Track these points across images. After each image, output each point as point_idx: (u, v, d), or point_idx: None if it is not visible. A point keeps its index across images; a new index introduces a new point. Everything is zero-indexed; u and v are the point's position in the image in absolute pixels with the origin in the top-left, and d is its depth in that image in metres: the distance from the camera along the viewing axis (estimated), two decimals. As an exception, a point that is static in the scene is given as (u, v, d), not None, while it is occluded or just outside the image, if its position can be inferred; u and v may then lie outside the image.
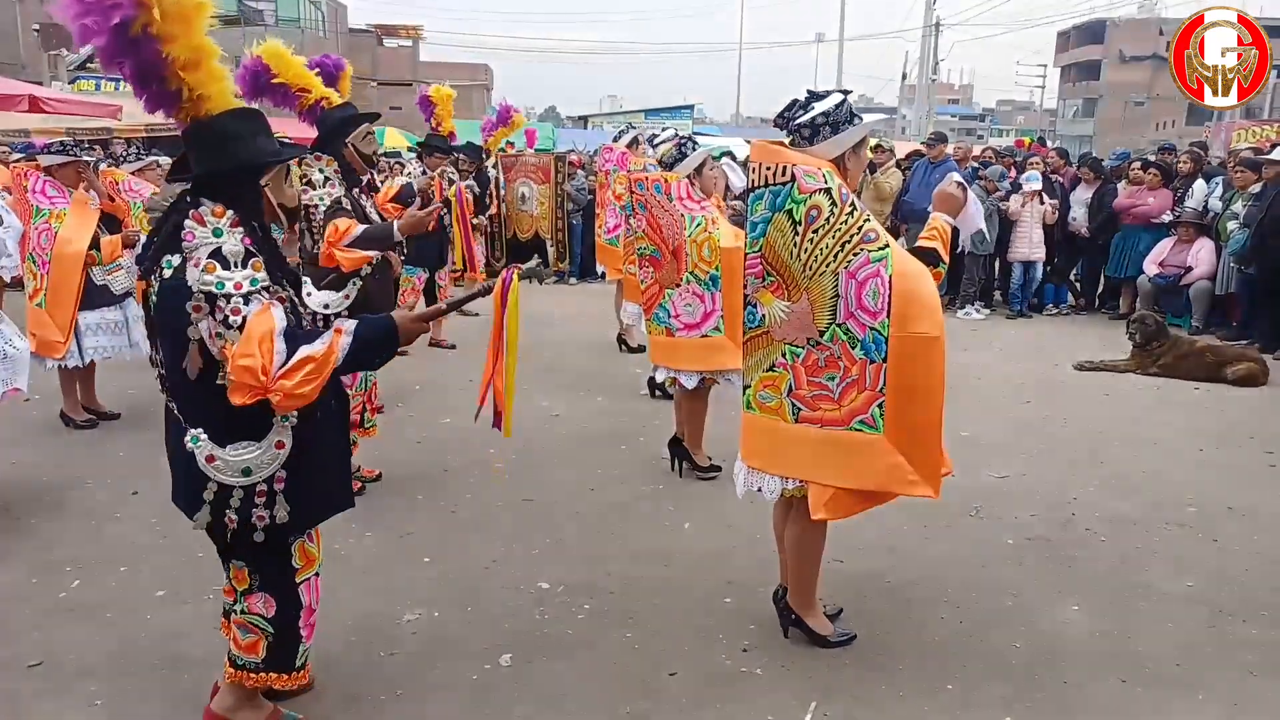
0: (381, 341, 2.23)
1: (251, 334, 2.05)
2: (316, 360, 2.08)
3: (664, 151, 4.46)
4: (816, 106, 2.70)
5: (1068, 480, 4.63)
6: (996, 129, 59.24)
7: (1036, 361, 7.30)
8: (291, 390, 2.06)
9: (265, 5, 34.31)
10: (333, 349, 2.12)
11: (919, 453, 2.64)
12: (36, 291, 5.01)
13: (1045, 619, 3.25)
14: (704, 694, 2.79)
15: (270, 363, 2.04)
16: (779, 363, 2.76)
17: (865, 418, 2.65)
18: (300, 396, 2.09)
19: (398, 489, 4.36)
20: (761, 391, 2.81)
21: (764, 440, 2.85)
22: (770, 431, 2.81)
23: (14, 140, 12.70)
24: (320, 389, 2.12)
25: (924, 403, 2.61)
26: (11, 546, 3.72)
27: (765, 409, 2.81)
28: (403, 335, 2.25)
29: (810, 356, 2.70)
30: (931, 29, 29.52)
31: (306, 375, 2.07)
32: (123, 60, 2.00)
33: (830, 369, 2.67)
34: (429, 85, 5.67)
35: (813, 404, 2.72)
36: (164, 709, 2.67)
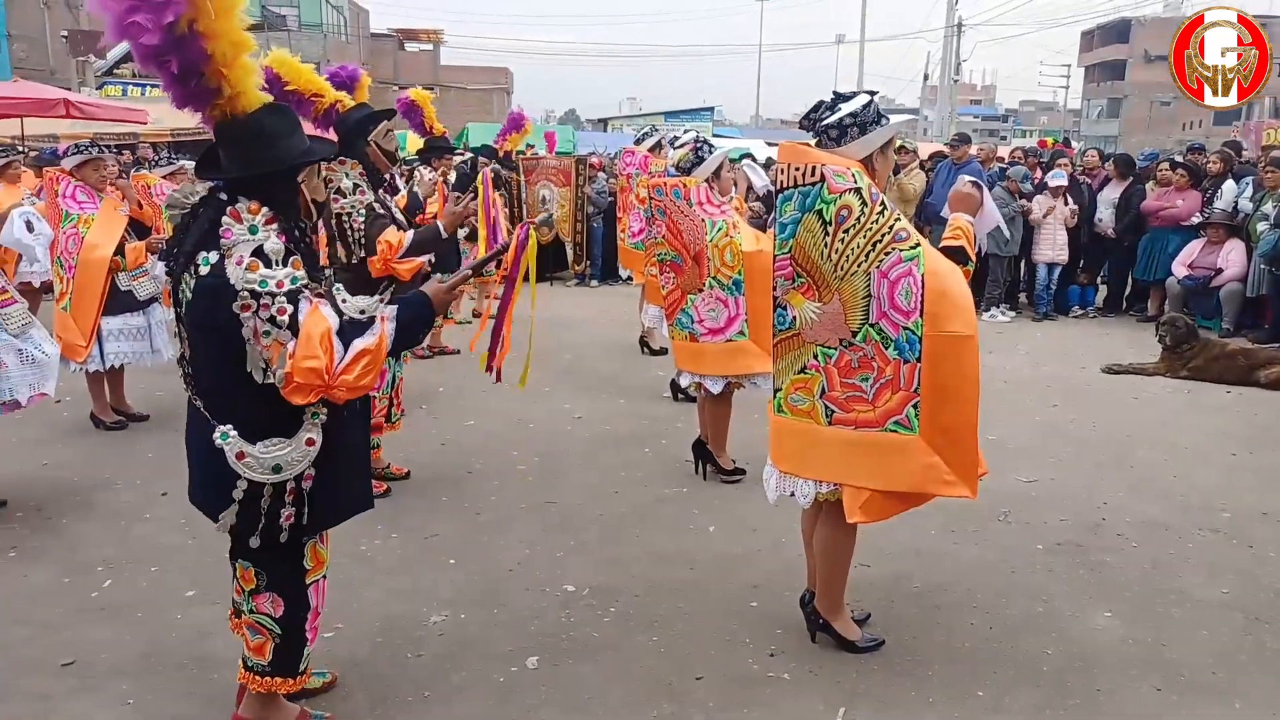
0: (421, 318, 2.31)
1: (311, 335, 2.08)
2: (371, 351, 2.14)
3: (680, 157, 4.44)
4: (844, 107, 2.68)
5: (1097, 485, 4.57)
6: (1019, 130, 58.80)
7: (1064, 364, 7.22)
8: (353, 383, 2.13)
9: (288, 11, 34.66)
10: (383, 337, 2.17)
11: (955, 453, 2.61)
12: (62, 295, 5.08)
13: (1076, 625, 3.21)
14: (730, 698, 2.77)
15: (332, 361, 2.09)
16: (810, 365, 2.74)
17: (900, 418, 2.63)
18: (361, 388, 2.16)
19: (422, 491, 4.37)
20: (793, 394, 2.79)
21: (796, 443, 2.82)
22: (802, 434, 2.79)
23: (44, 145, 12.89)
24: (378, 376, 2.19)
25: (959, 402, 2.59)
26: (44, 546, 3.76)
27: (797, 412, 2.79)
28: (438, 306, 2.35)
29: (843, 358, 2.68)
30: (954, 29, 29.33)
31: (365, 367, 2.13)
32: (170, 58, 2.00)
33: (864, 370, 2.65)
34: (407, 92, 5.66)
35: (846, 405, 2.69)
36: (194, 708, 2.69)
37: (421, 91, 5.72)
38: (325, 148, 2.42)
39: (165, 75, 2.04)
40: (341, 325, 2.14)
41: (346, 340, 2.13)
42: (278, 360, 2.09)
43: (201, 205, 2.23)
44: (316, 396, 2.13)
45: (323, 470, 2.27)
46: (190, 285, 2.16)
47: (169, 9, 1.93)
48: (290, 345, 2.08)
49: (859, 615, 3.13)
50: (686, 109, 35.94)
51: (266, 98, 2.22)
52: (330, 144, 2.52)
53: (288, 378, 2.09)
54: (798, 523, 3.97)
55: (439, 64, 38.47)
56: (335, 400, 2.17)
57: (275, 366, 2.10)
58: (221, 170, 2.22)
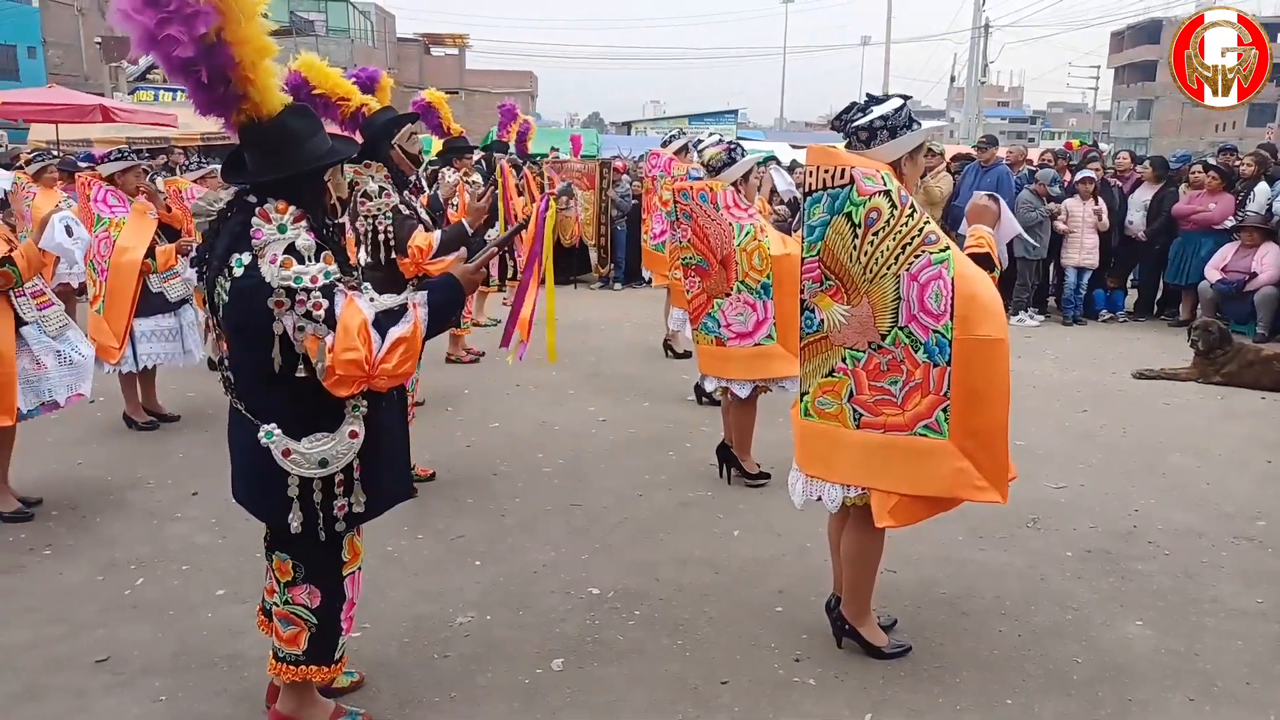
0: (452, 300, 2.38)
1: (349, 327, 2.11)
2: (408, 338, 2.19)
3: (712, 155, 4.42)
4: (875, 110, 2.67)
5: (1128, 491, 4.51)
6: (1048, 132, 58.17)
7: (1093, 369, 7.13)
8: (393, 371, 2.17)
9: (316, 16, 35.06)
10: (417, 323, 2.22)
11: (986, 457, 2.59)
12: (95, 298, 5.16)
13: (1107, 634, 3.17)
14: (756, 703, 2.77)
15: (371, 352, 2.13)
16: (839, 368, 2.72)
17: (930, 422, 2.61)
18: (402, 375, 2.20)
19: (447, 492, 4.40)
20: (820, 398, 2.78)
21: (822, 447, 2.81)
22: (829, 438, 2.78)
23: (78, 150, 13.13)
24: (417, 363, 2.23)
25: (990, 406, 2.57)
26: (78, 544, 3.82)
27: (824, 415, 2.78)
28: (467, 286, 2.41)
29: (872, 361, 2.66)
30: (980, 31, 29.10)
31: (403, 355, 2.18)
32: (200, 67, 2.02)
33: (893, 373, 2.64)
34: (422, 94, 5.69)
35: (875, 409, 2.68)
36: (224, 706, 2.72)
37: (437, 93, 5.76)
38: (348, 147, 2.45)
39: (193, 84, 2.06)
40: (377, 316, 2.18)
41: (383, 330, 2.17)
42: (316, 354, 2.13)
43: (230, 209, 2.27)
44: (359, 387, 2.17)
45: (367, 461, 2.31)
46: (226, 288, 2.19)
47: (200, 20, 1.95)
48: (328, 339, 2.11)
49: (885, 621, 3.11)
50: (710, 112, 35.95)
51: (288, 100, 2.25)
52: (352, 143, 2.55)
53: (329, 370, 2.12)
54: (823, 527, 3.96)
55: (464, 68, 38.75)
56: (377, 389, 2.22)
57: (315, 360, 2.13)
58: (248, 174, 2.26)
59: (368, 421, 2.28)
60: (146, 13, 1.94)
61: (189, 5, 1.94)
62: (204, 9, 1.95)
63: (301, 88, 3.80)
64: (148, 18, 1.95)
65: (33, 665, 2.91)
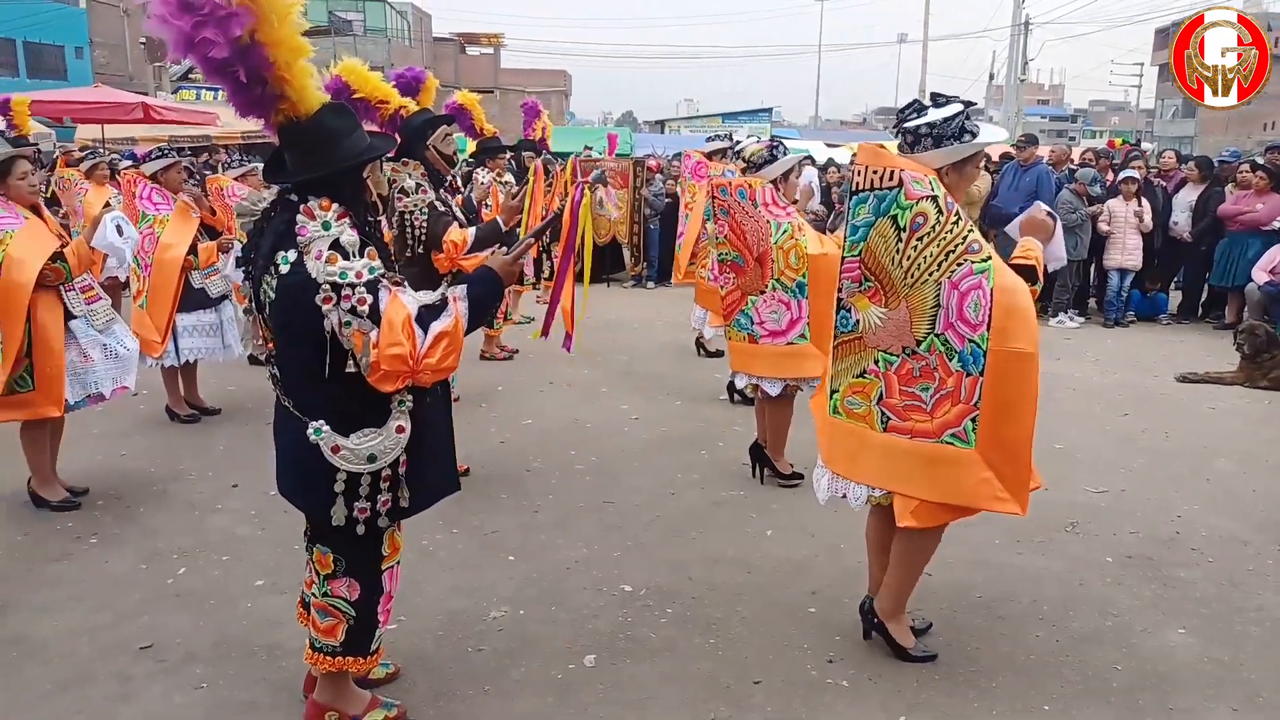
0: (491, 292, 2.40)
1: (394, 322, 2.14)
2: (449, 332, 2.21)
3: (753, 152, 4.42)
4: (929, 114, 2.63)
5: (1170, 497, 4.43)
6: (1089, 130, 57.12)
7: (1135, 372, 7.00)
8: (437, 365, 2.20)
9: (354, 16, 35.48)
10: (457, 317, 2.24)
11: (1010, 469, 2.59)
12: (139, 293, 5.28)
13: (1148, 641, 3.11)
14: (789, 703, 2.76)
15: (415, 346, 2.16)
16: (870, 369, 2.71)
17: (958, 431, 2.60)
18: (445, 369, 2.23)
19: (481, 489, 4.43)
20: (850, 397, 2.77)
21: (848, 445, 2.81)
22: (855, 437, 2.78)
23: (123, 148, 13.42)
24: (460, 356, 2.26)
25: (1018, 419, 2.57)
26: (123, 534, 3.91)
27: (852, 415, 2.78)
28: (505, 278, 2.42)
29: (905, 365, 2.65)
30: (1021, 28, 28.66)
31: (446, 349, 2.20)
32: (236, 68, 2.06)
33: (925, 379, 2.63)
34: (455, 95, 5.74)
35: (903, 414, 2.67)
36: (264, 694, 2.77)
37: (469, 95, 5.81)
38: (385, 144, 2.48)
39: (231, 85, 2.10)
40: (419, 311, 2.20)
41: (425, 325, 2.19)
42: (361, 349, 2.15)
43: (273, 208, 2.30)
44: (404, 382, 2.19)
45: (413, 455, 2.34)
46: (272, 285, 2.22)
47: (235, 22, 1.99)
48: (373, 334, 2.14)
49: (921, 624, 3.09)
50: (745, 110, 35.80)
51: (326, 98, 2.28)
52: (390, 139, 2.59)
53: (374, 366, 2.15)
54: (856, 528, 3.92)
55: (499, 67, 38.97)
56: (422, 384, 2.24)
57: (360, 356, 2.16)
58: (289, 173, 2.29)
59: (413, 416, 2.31)
60: (182, 17, 1.98)
61: (222, 8, 1.97)
62: (237, 11, 1.98)
63: (342, 91, 3.89)
64: (184, 22, 1.98)
65: (81, 651, 2.99)
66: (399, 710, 2.62)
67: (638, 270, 11.39)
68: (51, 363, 3.91)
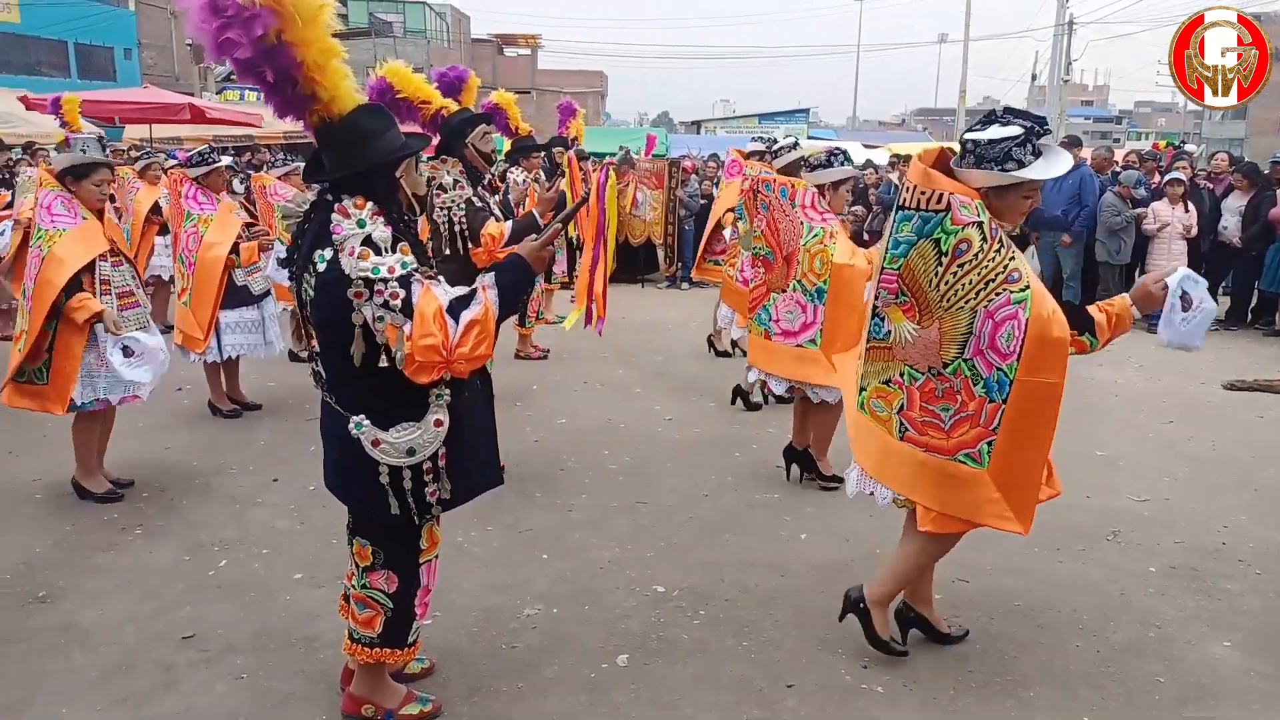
0: (520, 280, 2.40)
1: (425, 314, 2.16)
2: (480, 320, 2.22)
3: (813, 153, 4.49)
4: (987, 131, 2.56)
5: (1216, 507, 4.32)
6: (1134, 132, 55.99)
7: (1181, 379, 6.85)
8: (470, 355, 2.20)
9: (394, 17, 35.90)
10: (487, 305, 2.25)
11: (1018, 493, 2.62)
12: (183, 291, 5.38)
13: (1193, 654, 3.05)
14: (822, 708, 2.74)
15: (448, 337, 2.17)
16: (895, 380, 2.72)
17: (972, 452, 2.62)
18: (479, 358, 2.23)
19: (516, 487, 4.45)
20: (874, 400, 2.79)
21: (874, 445, 2.82)
22: (879, 438, 2.79)
23: (168, 148, 13.70)
24: (493, 345, 2.27)
25: (1034, 445, 2.59)
26: (167, 526, 4.00)
27: (876, 417, 2.80)
28: (534, 264, 2.43)
29: (928, 384, 2.66)
30: (1064, 28, 28.16)
31: (477, 337, 2.21)
32: (262, 69, 2.10)
33: (946, 400, 2.63)
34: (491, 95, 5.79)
35: (920, 428, 2.69)
36: (302, 685, 2.81)
37: (505, 94, 5.85)
38: (419, 142, 2.49)
39: (263, 85, 2.15)
40: (450, 302, 2.22)
41: (456, 315, 2.20)
42: (396, 343, 2.18)
43: (313, 209, 2.35)
44: (439, 373, 2.21)
45: (453, 449, 2.36)
46: (311, 283, 2.27)
47: (257, 22, 2.02)
48: (406, 328, 2.17)
49: (957, 632, 3.06)
50: (781, 111, 35.62)
51: (362, 99, 2.31)
52: (424, 138, 2.60)
53: (409, 359, 2.17)
54: (892, 534, 3.87)
55: (536, 68, 39.21)
56: (457, 374, 2.25)
57: (395, 349, 2.19)
58: (326, 172, 2.33)
59: (451, 410, 2.34)
60: (211, 21, 2.03)
61: (246, 9, 2.02)
62: (260, 12, 2.02)
63: (386, 92, 3.98)
64: (212, 25, 2.03)
65: (127, 639, 3.06)
66: (434, 705, 2.65)
67: (671, 271, 11.38)
68: (69, 364, 3.99)
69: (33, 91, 14.35)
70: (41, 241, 3.93)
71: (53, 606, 3.28)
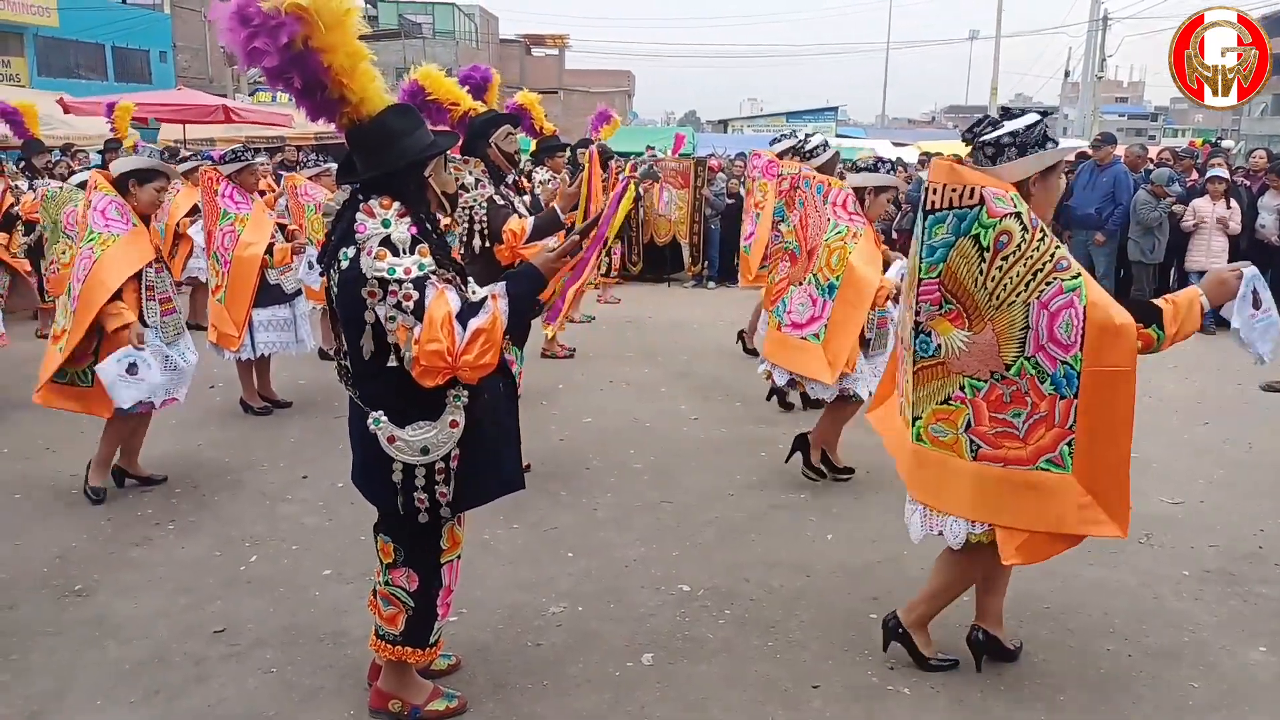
0: (532, 290, 2.39)
1: (434, 319, 2.18)
2: (486, 329, 2.22)
3: (862, 157, 4.55)
4: (1006, 125, 2.53)
5: (1253, 510, 4.24)
6: (1170, 129, 55.01)
7: (1217, 380, 6.73)
8: (474, 363, 2.21)
9: (423, 19, 36.19)
10: (496, 315, 2.25)
11: (1108, 492, 2.48)
12: (217, 288, 5.46)
13: (1228, 659, 2.99)
14: (848, 709, 2.72)
15: (454, 344, 2.18)
16: (955, 396, 2.58)
17: (1054, 456, 2.49)
18: (484, 366, 2.24)
19: (541, 485, 4.47)
20: (934, 424, 2.63)
21: (932, 474, 2.67)
22: (940, 465, 2.64)
23: (202, 148, 13.91)
24: (499, 354, 2.27)
25: (1115, 439, 2.45)
26: (199, 521, 4.06)
27: (937, 443, 2.63)
28: (547, 275, 2.43)
29: (994, 391, 2.52)
30: (1098, 23, 27.74)
31: (483, 346, 2.21)
32: (291, 75, 2.13)
33: (1016, 405, 2.50)
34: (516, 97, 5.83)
35: (995, 441, 2.55)
36: (330, 680, 2.84)
37: (529, 95, 5.87)
38: (447, 140, 2.51)
39: (293, 91, 2.18)
40: (462, 309, 2.23)
41: (464, 322, 2.21)
42: (405, 344, 2.20)
43: (344, 208, 2.38)
44: (444, 378, 2.22)
45: (468, 451, 2.37)
46: (335, 280, 2.31)
47: (283, 30, 2.05)
48: (416, 330, 2.18)
49: (1014, 643, 2.97)
50: (809, 109, 35.43)
51: (391, 100, 2.32)
52: (452, 136, 2.61)
53: (415, 361, 2.20)
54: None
55: (564, 68, 39.31)
56: (465, 380, 2.27)
57: (403, 350, 2.21)
58: (356, 173, 2.36)
59: (468, 412, 2.35)
60: (240, 30, 2.07)
61: (273, 18, 2.04)
62: (286, 20, 2.04)
63: (418, 94, 4.08)
64: (240, 34, 2.07)
65: (159, 632, 3.11)
66: (460, 701, 2.67)
67: (697, 270, 11.36)
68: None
69: (71, 94, 14.64)
70: (95, 244, 3.99)
71: (88, 600, 3.34)
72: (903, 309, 2.79)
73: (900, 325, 2.78)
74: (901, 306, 2.81)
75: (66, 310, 4.08)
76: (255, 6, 2.04)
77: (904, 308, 2.78)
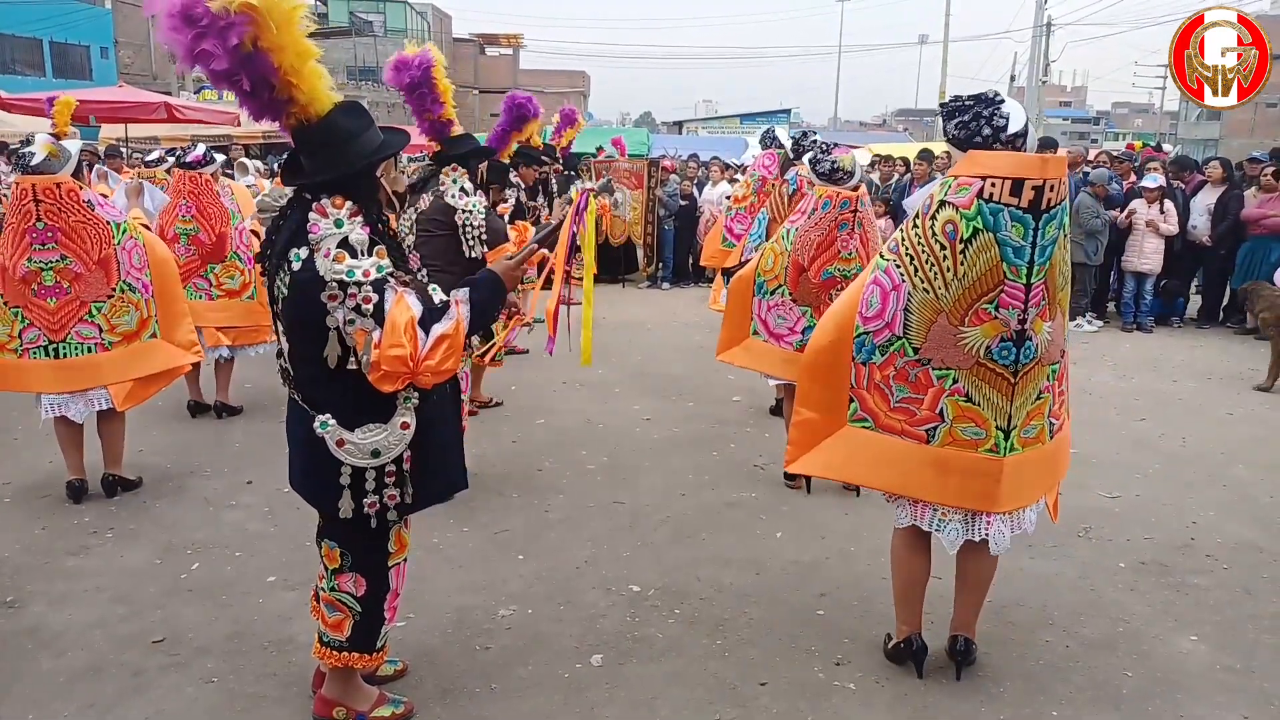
0: (493, 296, 2.38)
1: (396, 324, 2.15)
2: (450, 335, 2.21)
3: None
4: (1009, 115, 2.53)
5: (1186, 503, 4.38)
6: (1111, 133, 56.56)
7: (1153, 377, 6.94)
8: (437, 368, 2.20)
9: (375, 17, 35.73)
10: (458, 320, 2.24)
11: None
12: (245, 285, 5.46)
13: (1160, 648, 3.09)
14: (795, 705, 2.76)
15: (416, 349, 2.16)
16: (1045, 388, 2.67)
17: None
18: (445, 372, 2.23)
19: (493, 487, 4.45)
20: (1028, 426, 2.66)
21: (1025, 477, 2.69)
22: (1024, 464, 2.68)
23: (146, 147, 13.55)
24: (460, 360, 2.26)
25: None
26: (139, 528, 3.96)
27: (1027, 443, 2.67)
28: (507, 282, 2.42)
29: (1062, 369, 2.76)
30: (1042, 29, 28.40)
31: (445, 351, 2.20)
32: (239, 76, 2.06)
33: (1065, 377, 2.77)
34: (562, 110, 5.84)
35: (1059, 415, 2.77)
36: (273, 688, 2.79)
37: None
38: (398, 140, 2.44)
39: (239, 92, 2.10)
40: (423, 313, 2.21)
41: (427, 327, 2.19)
42: (363, 348, 2.17)
43: (290, 206, 2.32)
44: (404, 383, 2.21)
45: (419, 452, 2.35)
46: (285, 282, 2.25)
47: (233, 32, 1.98)
48: (375, 334, 2.16)
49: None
50: (763, 111, 35.67)
51: (338, 98, 2.26)
52: (403, 135, 2.52)
53: (375, 365, 2.17)
54: (866, 531, 3.93)
55: (518, 68, 39.12)
56: (422, 385, 2.25)
57: (361, 354, 2.18)
58: (304, 174, 2.29)
59: (419, 413, 2.33)
60: (184, 30, 1.97)
61: (221, 19, 1.96)
62: (235, 20, 1.97)
63: (429, 69, 3.82)
64: (186, 34, 1.98)
65: (96, 643, 3.03)
66: (406, 706, 2.64)
67: (651, 271, 11.39)
68: (176, 307, 4.31)
69: (6, 90, 14.15)
70: (130, 231, 4.14)
71: (20, 611, 3.24)
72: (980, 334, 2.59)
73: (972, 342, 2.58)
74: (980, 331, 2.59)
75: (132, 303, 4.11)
76: (202, 6, 1.95)
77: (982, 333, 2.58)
